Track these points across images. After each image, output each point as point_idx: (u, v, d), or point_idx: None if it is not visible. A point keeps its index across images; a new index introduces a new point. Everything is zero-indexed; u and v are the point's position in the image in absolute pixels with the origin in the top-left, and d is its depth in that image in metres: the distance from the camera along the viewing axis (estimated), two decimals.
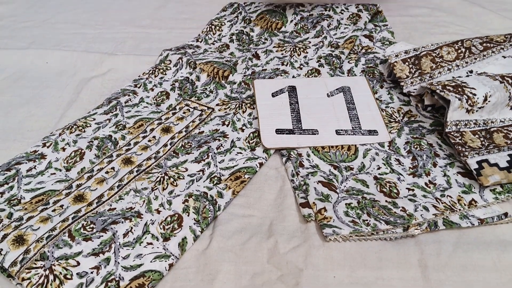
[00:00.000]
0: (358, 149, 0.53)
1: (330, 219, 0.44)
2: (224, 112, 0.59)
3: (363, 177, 0.49)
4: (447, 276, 0.39)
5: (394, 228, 0.43)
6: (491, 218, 0.44)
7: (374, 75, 0.65)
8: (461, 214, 0.44)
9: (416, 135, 0.54)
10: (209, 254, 0.42)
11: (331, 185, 0.48)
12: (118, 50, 0.75)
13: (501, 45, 0.62)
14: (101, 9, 0.89)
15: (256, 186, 0.49)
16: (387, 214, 0.44)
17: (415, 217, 0.44)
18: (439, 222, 0.44)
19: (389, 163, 0.51)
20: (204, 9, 0.87)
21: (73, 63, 0.71)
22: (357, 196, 0.47)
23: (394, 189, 0.48)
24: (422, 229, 0.43)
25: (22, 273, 0.39)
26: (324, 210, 0.45)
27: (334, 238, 0.42)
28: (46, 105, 0.63)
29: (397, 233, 0.43)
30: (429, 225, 0.43)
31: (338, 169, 0.50)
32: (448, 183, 0.48)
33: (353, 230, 0.42)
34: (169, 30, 0.80)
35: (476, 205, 0.45)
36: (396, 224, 0.43)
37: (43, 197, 0.47)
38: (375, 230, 0.43)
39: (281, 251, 0.42)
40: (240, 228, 0.44)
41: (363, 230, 0.43)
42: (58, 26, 0.83)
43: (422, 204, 0.45)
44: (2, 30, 0.82)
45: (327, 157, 0.52)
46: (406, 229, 0.43)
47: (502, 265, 0.40)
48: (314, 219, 0.44)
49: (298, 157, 0.51)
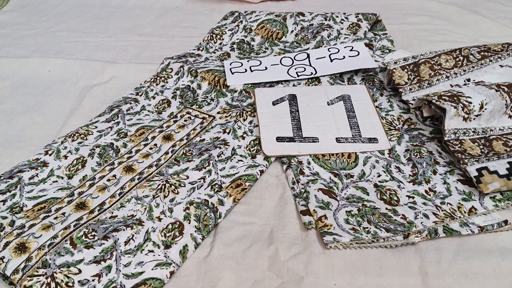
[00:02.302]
0: (358, 156, 0.53)
1: (330, 227, 0.44)
2: (225, 120, 0.59)
3: (363, 184, 0.49)
4: (447, 284, 0.39)
5: (394, 235, 0.43)
6: (491, 226, 0.44)
7: (374, 83, 0.65)
8: (461, 222, 0.45)
9: (416, 142, 0.54)
10: (210, 261, 0.42)
11: (331, 193, 0.48)
12: (120, 58, 0.75)
13: (499, 54, 0.62)
14: (103, 17, 0.90)
15: (256, 193, 0.49)
16: (387, 221, 0.44)
17: (416, 224, 0.44)
18: (439, 229, 0.44)
19: (389, 171, 0.51)
20: (205, 17, 0.88)
21: (75, 71, 0.72)
22: (357, 203, 0.47)
23: (394, 197, 0.48)
24: (422, 236, 0.43)
25: (24, 280, 0.39)
26: (324, 217, 0.45)
27: (335, 245, 0.42)
28: (48, 113, 0.63)
29: (398, 241, 0.43)
30: (430, 233, 0.43)
31: (339, 176, 0.50)
32: (448, 190, 0.48)
33: (353, 238, 0.43)
34: (170, 39, 0.81)
35: (476, 213, 0.45)
36: (397, 231, 0.43)
37: (45, 205, 0.47)
38: (376, 238, 0.43)
39: (281, 259, 0.42)
40: (241, 236, 0.44)
41: (364, 238, 0.43)
42: (60, 34, 0.84)
43: (422, 212, 0.45)
44: (5, 38, 0.82)
45: (328, 164, 0.52)
46: (406, 236, 0.43)
47: (502, 273, 0.40)
48: (315, 227, 0.45)
49: (298, 165, 0.52)
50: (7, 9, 0.93)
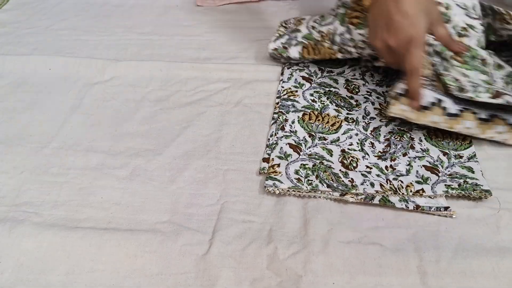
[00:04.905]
0: (342, 126, 0.55)
1: (278, 174, 0.47)
2: None
3: (332, 147, 0.52)
4: (446, 283, 0.39)
5: (332, 191, 0.46)
6: (429, 207, 0.45)
7: None
8: (402, 198, 0.46)
9: (405, 128, 0.55)
10: (209, 259, 0.42)
11: (297, 148, 0.52)
12: (120, 57, 0.75)
13: None
14: (103, 16, 0.90)
15: (256, 193, 0.49)
16: (333, 180, 0.47)
17: (357, 188, 0.46)
18: (377, 198, 0.46)
19: (362, 144, 0.53)
20: (206, 16, 0.88)
21: (75, 69, 0.72)
22: (316, 160, 0.49)
23: (354, 163, 0.50)
24: (357, 199, 0.46)
25: None
26: (277, 166, 0.49)
27: (272, 190, 0.46)
28: (49, 111, 0.63)
29: (332, 196, 0.46)
30: (366, 198, 0.46)
31: (312, 137, 0.53)
32: (408, 171, 0.49)
33: (292, 186, 0.46)
34: (170, 37, 0.81)
35: (422, 194, 0.46)
36: (336, 189, 0.46)
37: None
38: (314, 190, 0.46)
39: (280, 257, 0.42)
40: (239, 234, 0.44)
41: (302, 188, 0.46)
42: (61, 32, 0.84)
43: (371, 181, 0.47)
44: (5, 36, 0.82)
45: (308, 127, 0.55)
46: (342, 195, 0.46)
47: (501, 272, 0.40)
48: (266, 172, 0.48)
49: (283, 122, 0.55)
50: (7, 7, 0.93)
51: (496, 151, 0.52)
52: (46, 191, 0.51)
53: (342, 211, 0.46)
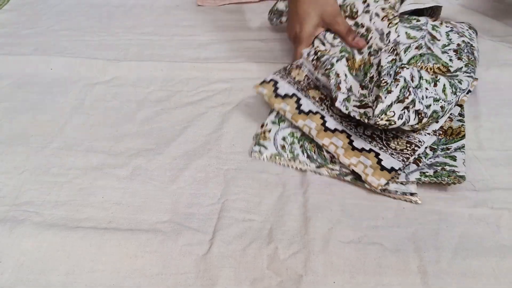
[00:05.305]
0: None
1: (266, 139, 0.49)
2: None
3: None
4: (447, 283, 0.39)
5: (309, 163, 0.48)
6: (396, 191, 0.46)
7: None
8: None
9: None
10: (209, 259, 0.42)
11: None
12: (121, 57, 0.75)
13: None
14: (104, 16, 0.90)
15: (256, 191, 0.49)
16: (315, 152, 0.48)
17: (335, 164, 0.48)
18: (349, 177, 0.47)
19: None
20: (207, 16, 0.88)
21: (76, 70, 0.72)
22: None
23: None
24: (331, 174, 0.48)
25: None
26: (269, 131, 0.51)
27: (257, 156, 0.49)
28: (50, 111, 0.63)
29: (310, 167, 0.48)
30: (340, 174, 0.47)
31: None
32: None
33: (275, 153, 0.48)
34: (171, 37, 0.81)
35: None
36: (314, 161, 0.48)
37: None
38: (294, 159, 0.48)
39: (281, 257, 0.42)
40: (240, 233, 0.44)
41: (283, 155, 0.48)
42: (62, 33, 0.84)
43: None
44: (6, 37, 0.83)
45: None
46: (318, 167, 0.48)
47: (501, 272, 0.40)
48: (257, 138, 0.51)
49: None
50: (7, 8, 0.93)
51: (496, 151, 0.52)
52: (46, 191, 0.51)
53: (342, 210, 0.46)
